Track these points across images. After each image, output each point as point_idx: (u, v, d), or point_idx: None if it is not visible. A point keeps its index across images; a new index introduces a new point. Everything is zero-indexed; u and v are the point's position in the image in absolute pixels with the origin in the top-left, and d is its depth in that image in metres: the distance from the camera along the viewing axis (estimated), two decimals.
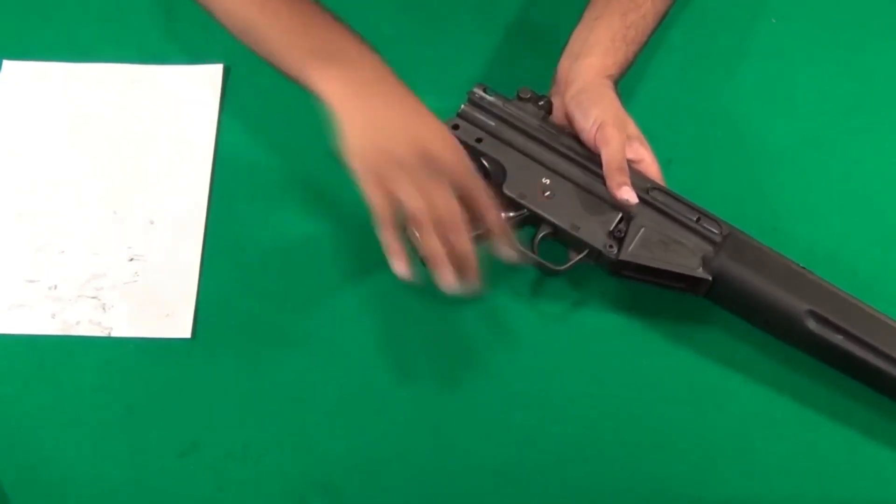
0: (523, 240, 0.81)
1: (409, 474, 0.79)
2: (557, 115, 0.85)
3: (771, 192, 0.90)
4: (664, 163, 0.91)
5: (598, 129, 0.80)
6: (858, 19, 0.99)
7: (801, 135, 0.93)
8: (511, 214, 0.81)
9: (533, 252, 0.81)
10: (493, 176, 0.82)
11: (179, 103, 0.93)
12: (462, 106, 0.84)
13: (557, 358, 0.83)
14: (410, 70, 0.86)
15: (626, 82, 0.91)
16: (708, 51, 0.98)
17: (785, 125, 0.94)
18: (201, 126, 0.91)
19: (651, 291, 0.83)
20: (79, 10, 0.97)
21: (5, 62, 0.94)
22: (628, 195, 0.79)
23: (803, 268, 0.79)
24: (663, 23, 0.91)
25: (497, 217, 0.76)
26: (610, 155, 0.80)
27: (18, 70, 0.94)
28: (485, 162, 0.83)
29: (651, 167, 0.83)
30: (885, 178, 0.91)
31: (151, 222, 0.87)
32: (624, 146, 0.80)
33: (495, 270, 0.85)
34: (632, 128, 0.83)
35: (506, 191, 0.81)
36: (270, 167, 0.90)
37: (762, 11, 1.00)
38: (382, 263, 0.85)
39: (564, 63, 0.86)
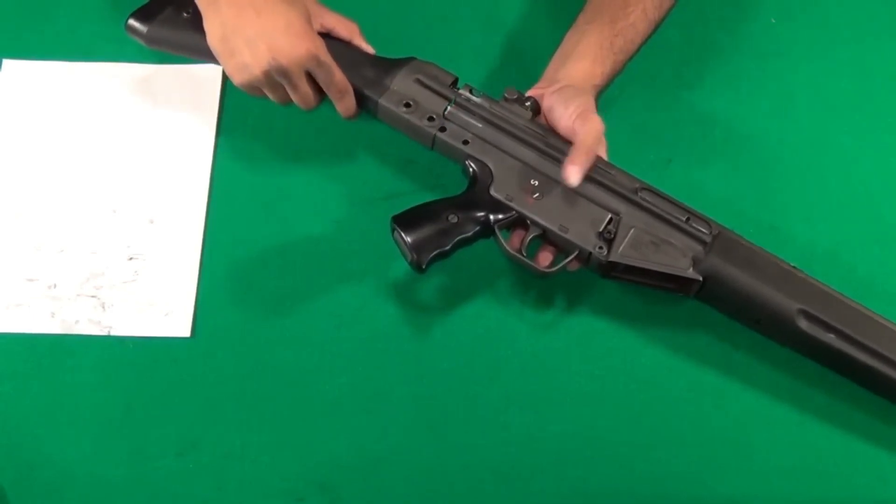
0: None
1: (408, 474, 0.79)
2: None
3: (770, 191, 0.90)
4: (664, 162, 0.91)
5: (578, 114, 0.80)
6: (857, 19, 1.00)
7: (800, 134, 0.93)
8: (499, 217, 0.80)
9: (522, 254, 0.81)
10: (481, 178, 0.82)
11: (179, 102, 0.93)
12: (448, 107, 0.84)
13: (556, 358, 0.83)
14: None
15: (626, 83, 0.91)
16: (707, 50, 0.98)
17: (784, 125, 0.94)
18: (201, 125, 0.91)
19: (646, 292, 0.83)
20: (79, 9, 0.97)
21: (5, 62, 0.94)
22: (573, 176, 0.78)
23: (794, 266, 0.79)
24: (663, 23, 0.91)
25: (341, 80, 0.83)
26: (586, 133, 0.79)
27: (18, 69, 0.94)
28: (472, 164, 0.82)
29: None
30: (883, 177, 0.92)
31: (151, 221, 0.87)
32: (602, 134, 0.80)
33: (494, 273, 0.86)
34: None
35: (493, 193, 0.81)
36: (270, 166, 0.90)
37: (761, 11, 1.00)
38: (382, 265, 0.85)
39: (554, 64, 0.86)
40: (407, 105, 0.83)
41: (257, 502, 0.77)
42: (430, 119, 0.83)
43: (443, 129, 0.83)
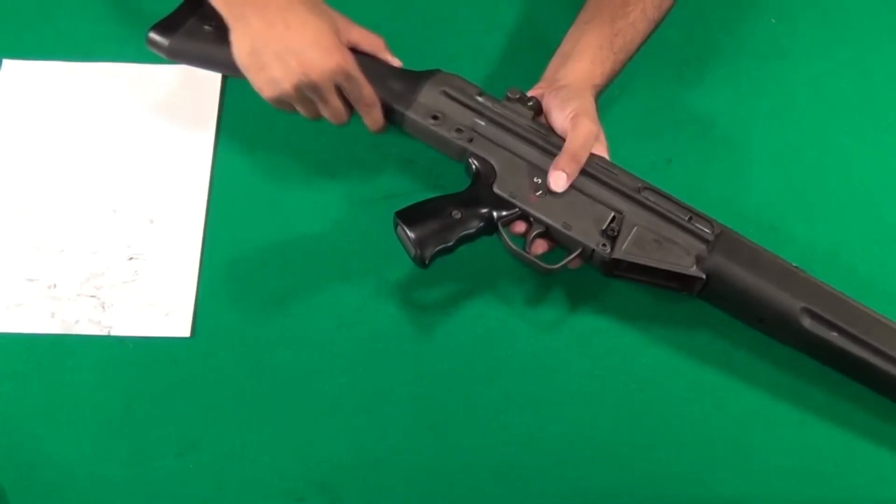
0: (515, 241, 0.81)
1: (408, 474, 0.79)
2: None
3: (770, 191, 0.90)
4: (664, 162, 0.91)
5: (572, 117, 0.80)
6: (857, 19, 1.00)
7: (800, 134, 0.93)
8: (503, 214, 0.81)
9: (526, 251, 0.81)
10: (484, 175, 0.82)
11: (179, 102, 0.93)
12: (476, 119, 0.84)
13: (556, 358, 0.83)
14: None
15: (626, 83, 0.91)
16: (707, 50, 0.98)
17: (784, 125, 0.94)
18: (201, 125, 0.91)
19: (646, 292, 0.83)
20: (79, 9, 0.97)
21: (5, 62, 0.94)
22: (557, 181, 0.79)
23: (796, 266, 0.79)
24: (663, 23, 0.91)
25: (369, 94, 0.82)
26: (572, 139, 0.80)
27: (18, 69, 0.94)
28: (475, 162, 0.83)
29: None
30: (883, 177, 0.92)
31: (151, 221, 0.87)
32: (592, 139, 0.80)
33: (494, 273, 0.86)
34: (601, 136, 0.83)
35: (497, 190, 0.81)
36: (270, 166, 0.90)
37: (761, 11, 1.00)
38: (382, 265, 0.85)
39: (554, 63, 0.86)
40: (434, 117, 0.83)
41: (257, 502, 0.77)
42: (459, 131, 0.83)
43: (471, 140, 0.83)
